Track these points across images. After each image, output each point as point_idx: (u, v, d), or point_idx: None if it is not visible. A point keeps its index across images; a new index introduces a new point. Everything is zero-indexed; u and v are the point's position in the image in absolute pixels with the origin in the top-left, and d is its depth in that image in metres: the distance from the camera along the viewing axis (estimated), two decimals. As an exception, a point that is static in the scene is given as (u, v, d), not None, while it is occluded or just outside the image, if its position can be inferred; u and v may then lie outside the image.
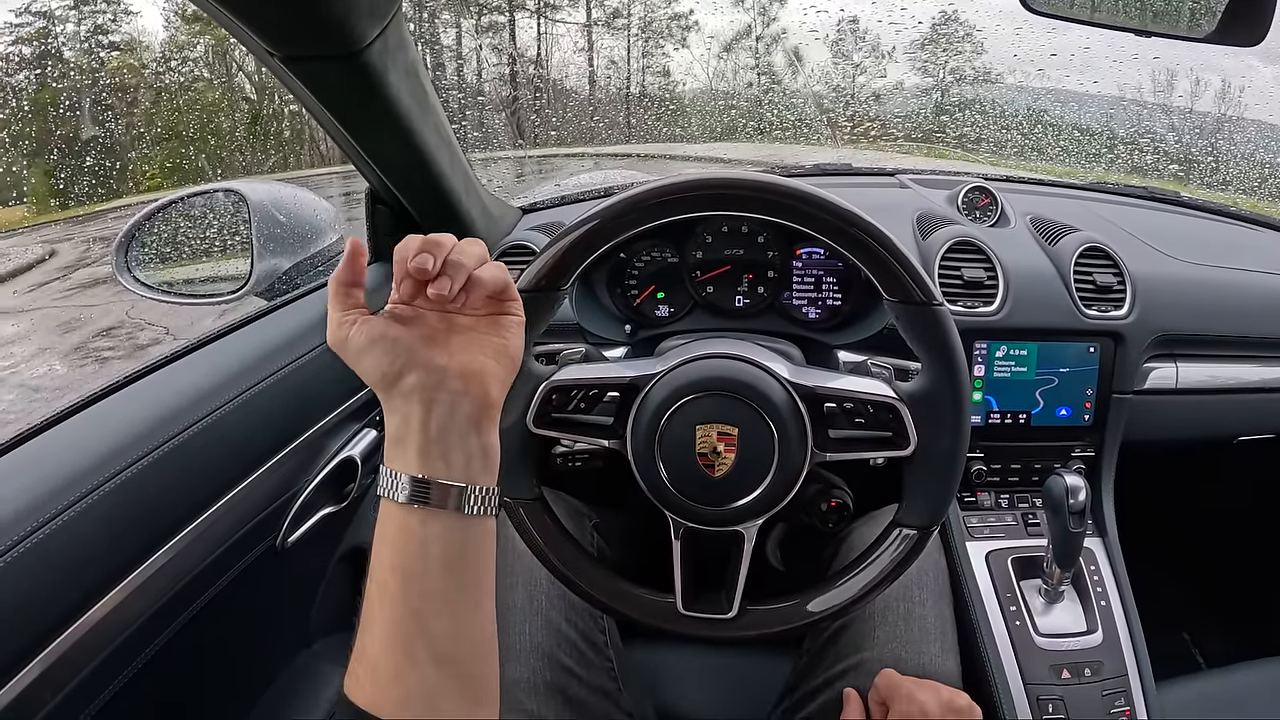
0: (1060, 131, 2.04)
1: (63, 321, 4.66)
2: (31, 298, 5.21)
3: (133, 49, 5.01)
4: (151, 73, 4.67)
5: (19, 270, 5.62)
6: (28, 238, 6.13)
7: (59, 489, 0.73)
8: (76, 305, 4.87)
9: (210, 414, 0.90)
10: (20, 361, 4.01)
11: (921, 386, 0.82)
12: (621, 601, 0.89)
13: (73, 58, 4.40)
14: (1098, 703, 1.08)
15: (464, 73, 3.46)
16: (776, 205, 0.81)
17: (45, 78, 3.87)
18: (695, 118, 2.88)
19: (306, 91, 0.90)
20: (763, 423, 0.81)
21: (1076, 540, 1.06)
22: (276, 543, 1.02)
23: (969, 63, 2.35)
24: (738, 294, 1.16)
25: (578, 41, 4.75)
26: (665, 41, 5.99)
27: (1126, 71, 1.99)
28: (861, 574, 0.86)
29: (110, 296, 4.69)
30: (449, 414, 0.57)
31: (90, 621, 0.73)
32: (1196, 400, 1.32)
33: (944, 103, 2.11)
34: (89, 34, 4.69)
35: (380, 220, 1.26)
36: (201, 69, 4.77)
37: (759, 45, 5.26)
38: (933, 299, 0.80)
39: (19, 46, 4.20)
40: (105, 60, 4.69)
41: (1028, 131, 2.09)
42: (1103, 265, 1.28)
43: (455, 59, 3.42)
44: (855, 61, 2.62)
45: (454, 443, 0.57)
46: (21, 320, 4.84)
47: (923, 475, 0.84)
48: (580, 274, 0.86)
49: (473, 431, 0.58)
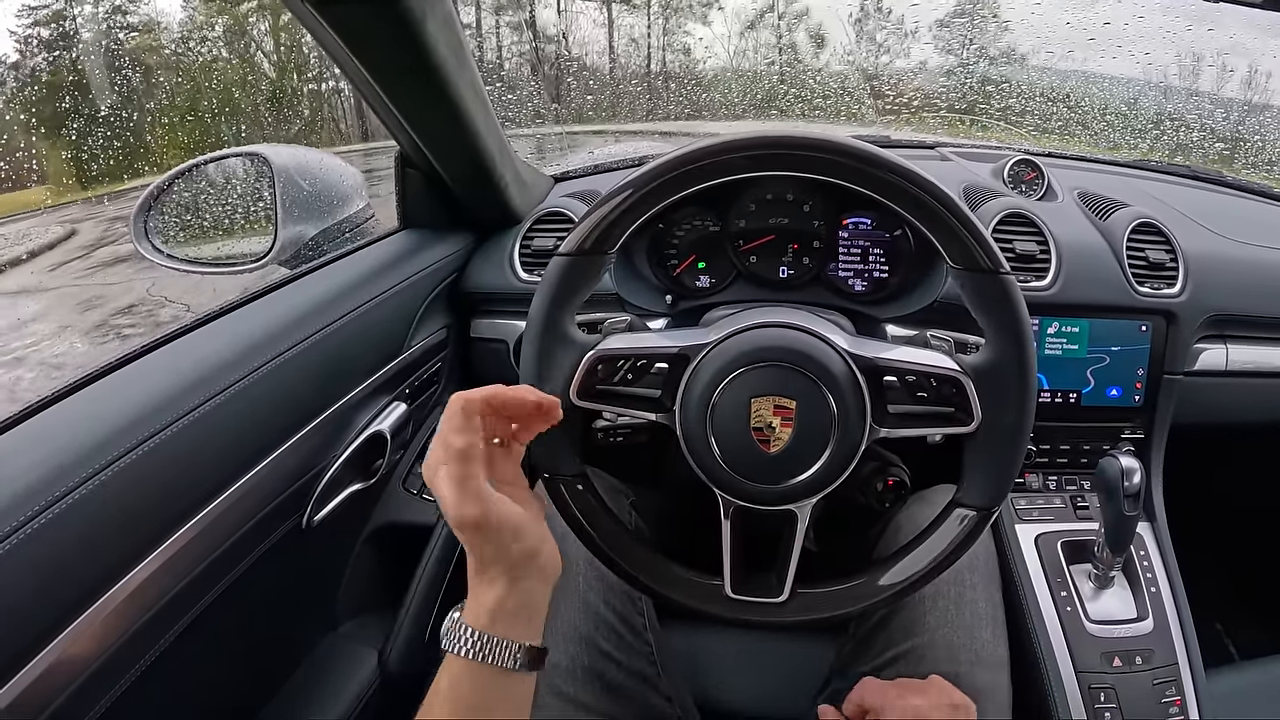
0: (1107, 106, 2.00)
1: (84, 300, 4.67)
2: (53, 276, 5.23)
3: (151, 30, 5.00)
4: (171, 53, 4.66)
5: (41, 249, 5.64)
6: (49, 217, 6.15)
7: (70, 464, 0.69)
8: (98, 283, 4.88)
9: (232, 385, 0.86)
10: (42, 340, 4.02)
11: (987, 359, 0.78)
12: (667, 584, 0.85)
13: (91, 39, 4.40)
14: (1148, 692, 1.05)
15: (484, 50, 3.43)
16: (835, 165, 0.76)
17: (63, 59, 3.86)
18: (718, 94, 2.84)
19: (336, 40, 0.86)
20: (821, 396, 0.76)
21: (1130, 524, 1.02)
22: (303, 521, 0.98)
23: (1000, 40, 2.31)
24: (781, 264, 1.11)
25: (597, 19, 4.70)
26: (687, 19, 5.92)
27: (1165, 53, 1.94)
28: (925, 549, 0.82)
29: (131, 274, 4.69)
30: (548, 588, 0.66)
31: (110, 603, 0.70)
32: (1247, 384, 1.28)
33: (988, 73, 2.07)
34: (107, 15, 4.68)
35: (410, 185, 1.22)
36: (220, 48, 4.75)
37: (781, 23, 5.19)
38: (1001, 267, 0.76)
39: (37, 29, 4.19)
40: (124, 41, 4.68)
41: (1074, 104, 2.03)
42: (1155, 241, 1.23)
43: (475, 37, 3.39)
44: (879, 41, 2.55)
45: (539, 609, 0.65)
46: (43, 299, 4.85)
47: (985, 453, 0.79)
48: (625, 240, 0.82)
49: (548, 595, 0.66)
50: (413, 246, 1.23)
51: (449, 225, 1.31)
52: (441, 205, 1.27)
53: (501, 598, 0.61)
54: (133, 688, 0.76)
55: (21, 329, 4.23)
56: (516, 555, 0.61)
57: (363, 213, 1.31)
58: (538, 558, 0.63)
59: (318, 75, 4.50)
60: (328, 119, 4.68)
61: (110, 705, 0.74)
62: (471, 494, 0.58)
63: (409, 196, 1.24)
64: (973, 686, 0.91)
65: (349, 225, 1.28)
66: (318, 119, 4.69)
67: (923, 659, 0.93)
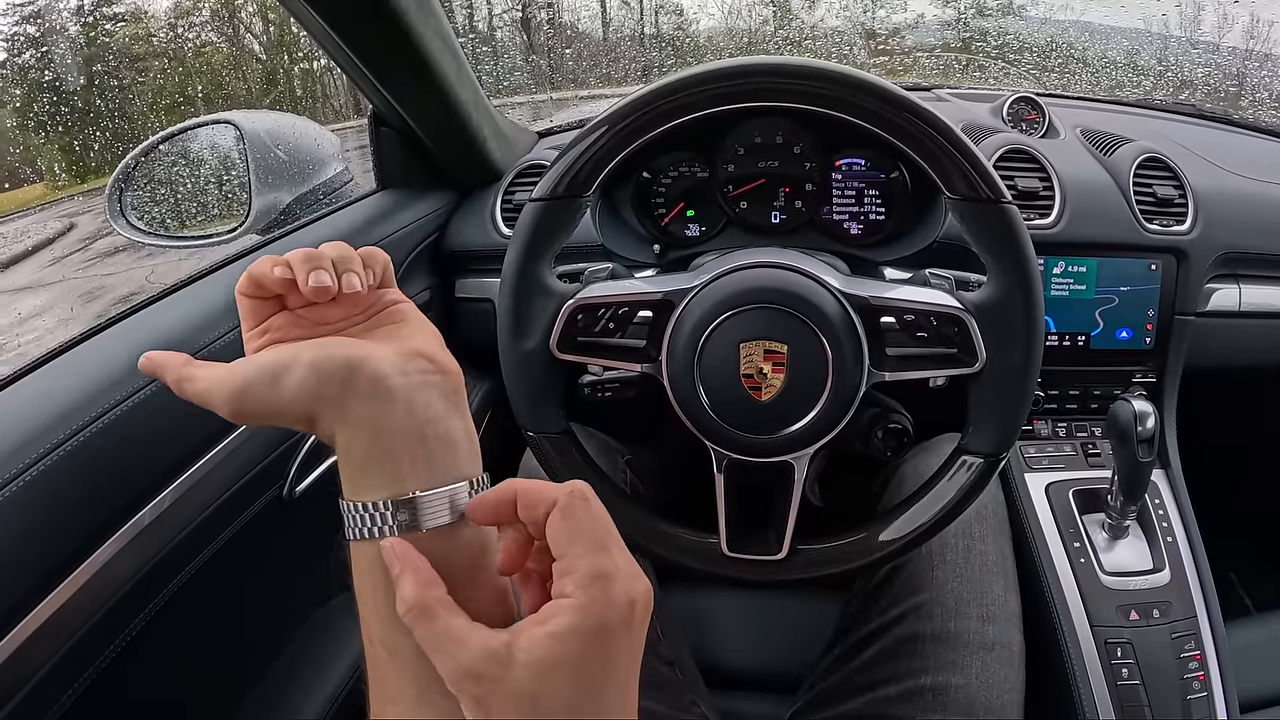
0: (1105, 55, 1.98)
1: (85, 292, 4.66)
2: (53, 271, 5.22)
3: (139, 19, 4.96)
4: (160, 40, 4.61)
5: (39, 246, 5.64)
6: (47, 214, 6.15)
7: (32, 439, 0.65)
8: (97, 274, 4.88)
9: (203, 349, 0.82)
10: (44, 333, 4.02)
11: (989, 295, 0.74)
12: (660, 542, 0.82)
13: (78, 32, 4.36)
14: (1167, 646, 1.01)
15: (475, 19, 3.38)
16: (819, 93, 0.72)
17: (52, 54, 3.83)
18: (712, 55, 2.79)
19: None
20: (815, 339, 0.73)
21: (1144, 471, 0.98)
22: (284, 491, 0.95)
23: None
24: (773, 209, 1.07)
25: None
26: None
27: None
28: (929, 501, 0.79)
29: (131, 263, 4.68)
30: (427, 401, 0.47)
31: (81, 578, 0.66)
32: (1260, 325, 1.24)
33: (985, 26, 2.03)
34: (92, 7, 4.65)
35: (385, 143, 1.18)
36: (208, 33, 4.71)
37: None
38: (1001, 195, 0.72)
39: (24, 25, 4.16)
40: (112, 32, 4.64)
41: (1074, 40, 2.00)
42: (1162, 177, 1.19)
43: (466, 5, 3.34)
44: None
45: (441, 436, 0.47)
46: (44, 294, 4.85)
47: (992, 395, 0.75)
48: (604, 187, 0.78)
49: (456, 414, 0.49)
50: (390, 207, 1.19)
51: (428, 184, 1.27)
52: (419, 164, 1.23)
53: (370, 441, 0.46)
54: (111, 666, 0.73)
55: (23, 324, 4.23)
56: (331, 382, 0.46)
57: (340, 177, 1.27)
58: (357, 376, 0.46)
59: (308, 54, 4.47)
60: (321, 97, 4.64)
61: (91, 681, 0.71)
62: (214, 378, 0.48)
63: (385, 156, 1.20)
64: (984, 643, 0.88)
65: (326, 190, 1.24)
66: (311, 97, 4.65)
67: (931, 615, 0.90)
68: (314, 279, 0.48)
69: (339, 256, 0.51)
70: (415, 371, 0.48)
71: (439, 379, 0.48)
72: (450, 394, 0.49)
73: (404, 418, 0.46)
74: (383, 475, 0.45)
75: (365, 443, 0.46)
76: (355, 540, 0.46)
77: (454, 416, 0.48)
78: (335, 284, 0.49)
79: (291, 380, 0.46)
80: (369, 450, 0.46)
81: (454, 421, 0.48)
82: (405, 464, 0.45)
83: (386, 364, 0.47)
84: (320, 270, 0.49)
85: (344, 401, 0.46)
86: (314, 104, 4.86)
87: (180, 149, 1.24)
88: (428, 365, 0.48)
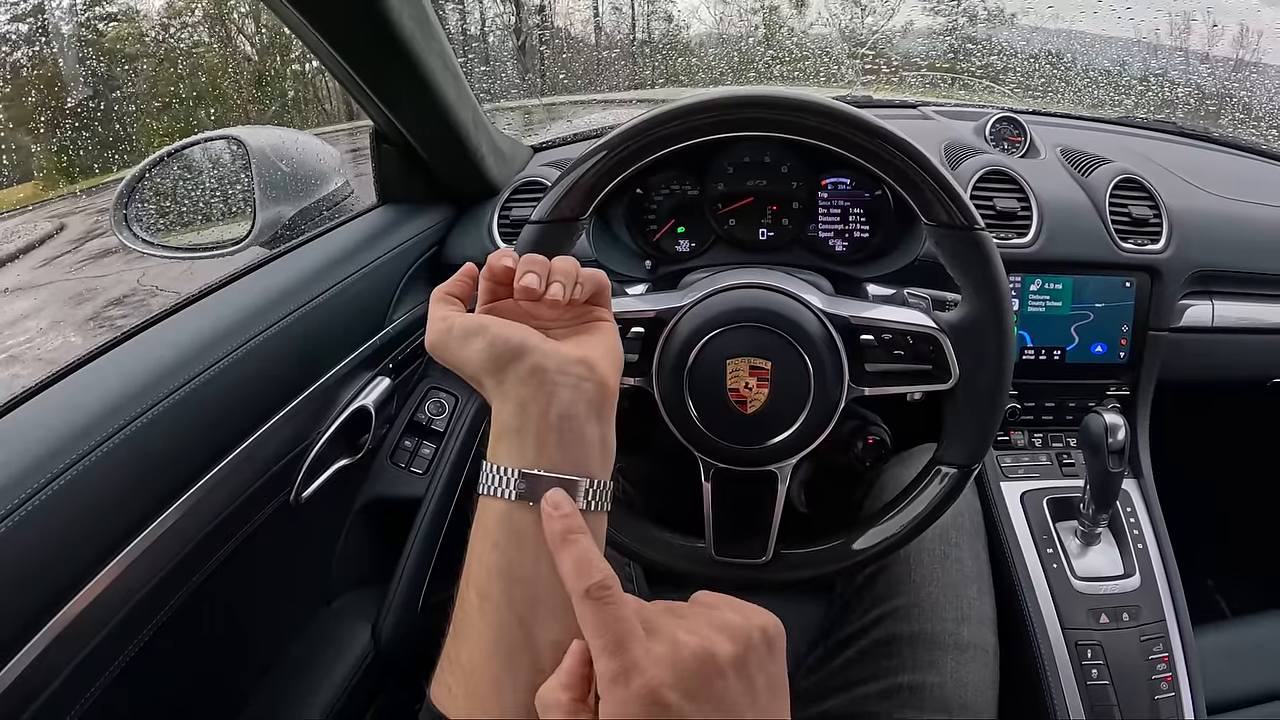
0: (1091, 65, 1.99)
1: (75, 294, 4.63)
2: (44, 273, 5.18)
3: (131, 19, 4.93)
4: (152, 40, 4.60)
5: (29, 247, 5.59)
6: (37, 214, 6.08)
7: (52, 453, 0.69)
8: (88, 276, 4.84)
9: (212, 366, 0.85)
10: (35, 335, 3.99)
11: (963, 316, 0.78)
12: (651, 547, 0.86)
13: (70, 31, 4.35)
14: (1136, 648, 1.05)
15: (467, 24, 3.39)
16: (804, 124, 0.76)
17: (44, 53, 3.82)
18: (701, 61, 2.81)
19: (299, 18, 0.85)
20: (797, 355, 0.77)
21: (1115, 481, 1.02)
22: (290, 498, 0.99)
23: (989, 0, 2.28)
24: (761, 227, 1.11)
25: (581, -12, 4.64)
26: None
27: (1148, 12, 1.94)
28: (903, 513, 0.83)
29: (122, 266, 4.65)
30: (572, 401, 0.52)
31: (98, 587, 0.70)
32: (1232, 340, 1.28)
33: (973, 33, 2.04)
34: (85, 6, 4.62)
35: (386, 160, 1.22)
36: (201, 33, 4.69)
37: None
38: (975, 223, 0.76)
39: (16, 24, 4.15)
40: (103, 32, 4.62)
41: (1055, 61, 2.02)
42: (1138, 197, 1.23)
43: (459, 10, 3.35)
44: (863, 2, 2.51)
45: (575, 433, 0.52)
46: (34, 296, 4.82)
47: (964, 410, 0.80)
48: (598, 206, 0.81)
49: (595, 420, 0.53)
50: (391, 221, 1.22)
51: (427, 199, 1.30)
52: (419, 179, 1.26)
53: (515, 414, 0.52)
54: (125, 669, 0.76)
55: (14, 326, 4.21)
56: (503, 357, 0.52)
57: (341, 190, 1.30)
58: (524, 358, 0.52)
59: (300, 56, 4.46)
60: (312, 100, 4.63)
61: (106, 685, 0.74)
62: (434, 320, 0.56)
63: (385, 172, 1.23)
64: (959, 643, 0.92)
65: (328, 203, 1.27)
66: (302, 100, 4.64)
67: (908, 616, 0.94)
68: (526, 280, 0.54)
69: (558, 268, 0.56)
70: (573, 374, 0.53)
71: (590, 386, 0.53)
72: (596, 401, 0.54)
73: (545, 406, 0.51)
74: (515, 448, 0.51)
75: (510, 416, 0.52)
76: (482, 495, 0.51)
77: (592, 421, 0.53)
78: (541, 288, 0.54)
79: (476, 344, 0.53)
80: (511, 423, 0.52)
81: (590, 425, 0.53)
82: (535, 445, 0.51)
83: (550, 360, 0.52)
84: (532, 274, 0.54)
85: (504, 377, 0.52)
86: (306, 106, 4.85)
87: (185, 162, 1.26)
88: (585, 372, 0.53)
